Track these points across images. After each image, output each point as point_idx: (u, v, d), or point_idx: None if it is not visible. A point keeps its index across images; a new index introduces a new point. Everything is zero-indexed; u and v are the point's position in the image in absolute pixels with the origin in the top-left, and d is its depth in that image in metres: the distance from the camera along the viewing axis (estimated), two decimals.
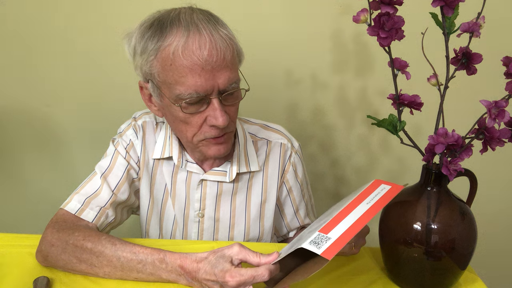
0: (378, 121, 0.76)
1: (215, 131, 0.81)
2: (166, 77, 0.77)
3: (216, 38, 0.75)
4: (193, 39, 0.74)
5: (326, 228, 0.66)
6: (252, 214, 0.95)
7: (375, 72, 1.27)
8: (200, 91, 0.76)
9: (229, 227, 0.95)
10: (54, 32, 1.22)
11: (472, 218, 0.75)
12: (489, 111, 0.64)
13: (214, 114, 0.78)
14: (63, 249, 0.75)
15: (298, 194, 1.00)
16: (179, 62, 0.74)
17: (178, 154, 0.91)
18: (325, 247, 0.61)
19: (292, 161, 0.98)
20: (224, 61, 0.76)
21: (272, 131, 0.98)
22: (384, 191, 0.72)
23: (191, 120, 0.80)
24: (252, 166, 0.94)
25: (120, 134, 0.94)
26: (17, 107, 1.31)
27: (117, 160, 0.91)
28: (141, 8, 1.18)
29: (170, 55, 0.75)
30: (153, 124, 0.95)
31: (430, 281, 0.76)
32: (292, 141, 0.99)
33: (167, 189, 0.94)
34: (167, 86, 0.78)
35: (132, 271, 0.73)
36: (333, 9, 1.21)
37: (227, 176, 0.92)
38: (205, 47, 0.74)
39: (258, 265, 0.69)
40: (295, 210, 1.01)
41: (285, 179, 0.98)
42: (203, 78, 0.75)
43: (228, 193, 0.94)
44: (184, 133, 0.83)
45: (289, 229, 1.03)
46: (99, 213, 0.85)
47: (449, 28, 0.70)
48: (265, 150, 0.96)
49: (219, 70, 0.76)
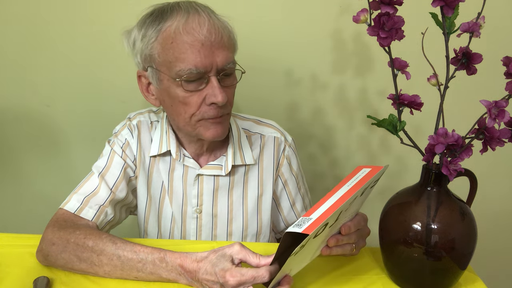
0: (378, 121, 0.76)
1: (214, 110, 0.82)
2: (166, 56, 0.79)
3: (214, 20, 0.81)
4: (192, 18, 0.79)
5: (309, 212, 0.68)
6: (250, 208, 0.96)
7: (375, 72, 1.27)
8: (199, 66, 0.78)
9: (227, 222, 0.96)
10: (54, 32, 1.23)
11: (472, 218, 0.75)
12: (489, 111, 0.64)
13: (213, 91, 0.80)
14: (64, 247, 0.75)
15: (293, 187, 1.01)
16: (180, 39, 0.78)
17: (176, 148, 0.92)
18: (306, 226, 0.64)
19: (286, 154, 0.98)
20: (222, 40, 0.80)
21: (265, 125, 1.00)
22: (364, 173, 0.74)
23: (190, 99, 0.81)
24: (247, 158, 0.94)
25: (115, 134, 0.96)
26: (17, 107, 1.31)
27: (114, 159, 0.92)
28: (141, 8, 1.18)
29: (171, 34, 0.78)
30: (147, 123, 0.96)
31: (430, 281, 0.76)
32: (285, 134, 1.00)
33: (164, 187, 0.95)
34: (167, 65, 0.80)
35: (132, 270, 0.73)
36: (333, 9, 1.21)
37: (223, 169, 0.92)
38: (204, 25, 0.78)
39: (257, 266, 0.69)
40: (292, 203, 1.01)
41: (280, 172, 0.99)
42: (203, 54, 0.78)
43: (224, 187, 0.94)
44: (183, 116, 0.83)
45: (287, 223, 1.03)
46: (98, 211, 0.86)
47: (449, 28, 0.70)
48: (259, 144, 0.97)
49: (217, 48, 0.79)
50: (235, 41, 0.85)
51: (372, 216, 0.84)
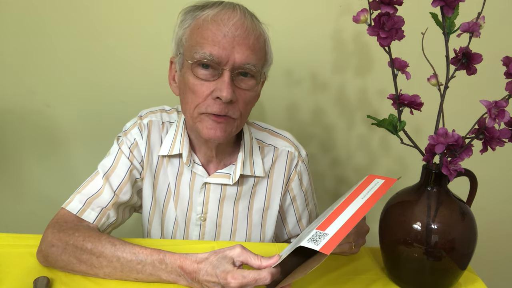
0: (378, 121, 0.76)
1: (217, 106, 0.80)
2: (190, 40, 0.82)
3: (248, 19, 0.81)
4: (225, 11, 0.81)
5: (323, 225, 0.67)
6: (254, 221, 0.95)
7: (375, 72, 1.27)
8: (215, 55, 0.78)
9: (231, 233, 0.95)
10: (54, 32, 1.22)
11: (472, 218, 0.75)
12: (489, 111, 0.64)
13: (221, 86, 0.79)
14: (64, 249, 0.75)
15: (301, 203, 1.00)
16: (206, 26, 0.80)
17: (188, 152, 0.91)
18: (323, 243, 0.62)
19: (298, 170, 0.97)
20: (247, 38, 0.79)
21: (280, 137, 0.98)
22: (378, 185, 0.73)
23: (199, 88, 0.81)
24: (257, 170, 0.93)
25: (125, 132, 0.93)
26: (17, 107, 1.31)
27: (120, 160, 0.90)
28: (141, 8, 1.18)
29: (201, 21, 0.81)
30: (159, 123, 0.94)
31: (430, 281, 0.76)
32: (299, 149, 0.99)
33: (170, 190, 0.94)
34: (189, 49, 0.81)
35: (132, 272, 0.73)
36: (333, 9, 1.21)
37: (231, 178, 0.91)
38: (233, 19, 0.79)
39: (259, 268, 0.69)
40: (298, 219, 1.01)
41: (290, 188, 0.97)
42: (222, 45, 0.78)
43: (231, 197, 0.93)
44: (189, 105, 0.83)
45: (290, 236, 1.02)
46: (100, 213, 0.85)
47: (449, 28, 0.70)
48: (272, 157, 0.96)
49: (239, 44, 0.79)
50: (265, 48, 0.84)
51: (372, 216, 0.84)
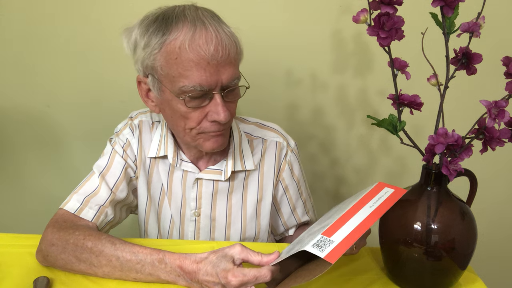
0: (378, 121, 0.76)
1: (216, 126, 0.81)
2: (169, 71, 0.77)
3: (222, 34, 0.77)
4: (199, 34, 0.75)
5: (329, 231, 0.66)
6: (248, 213, 0.96)
7: (375, 72, 1.27)
8: (204, 84, 0.76)
9: (225, 226, 0.95)
10: (54, 32, 1.22)
11: (472, 218, 0.75)
12: (489, 111, 0.64)
13: (216, 109, 0.79)
14: (63, 248, 0.75)
15: (294, 193, 1.00)
16: (185, 56, 0.75)
17: (173, 153, 0.91)
18: (328, 250, 0.61)
19: (288, 160, 0.98)
20: (229, 57, 0.77)
21: (268, 129, 0.99)
22: (387, 194, 0.72)
23: (192, 115, 0.80)
24: (247, 164, 0.94)
25: (117, 133, 0.95)
26: (17, 107, 1.31)
27: (115, 159, 0.91)
28: (140, 7, 1.18)
29: (176, 49, 0.75)
30: (149, 123, 0.95)
31: (430, 281, 0.76)
32: (288, 139, 0.99)
33: (164, 188, 0.95)
34: (170, 79, 0.78)
35: (131, 271, 0.73)
36: (333, 9, 1.21)
37: (223, 174, 0.92)
38: (211, 43, 0.75)
39: (260, 264, 0.69)
40: (292, 209, 1.01)
41: (281, 178, 0.98)
42: (208, 72, 0.76)
43: (224, 191, 0.94)
44: (182, 127, 0.83)
45: (286, 227, 1.03)
46: (98, 211, 0.85)
47: (449, 28, 0.70)
48: (261, 149, 0.96)
49: (223, 66, 0.77)
50: (241, 52, 0.82)
51: None
